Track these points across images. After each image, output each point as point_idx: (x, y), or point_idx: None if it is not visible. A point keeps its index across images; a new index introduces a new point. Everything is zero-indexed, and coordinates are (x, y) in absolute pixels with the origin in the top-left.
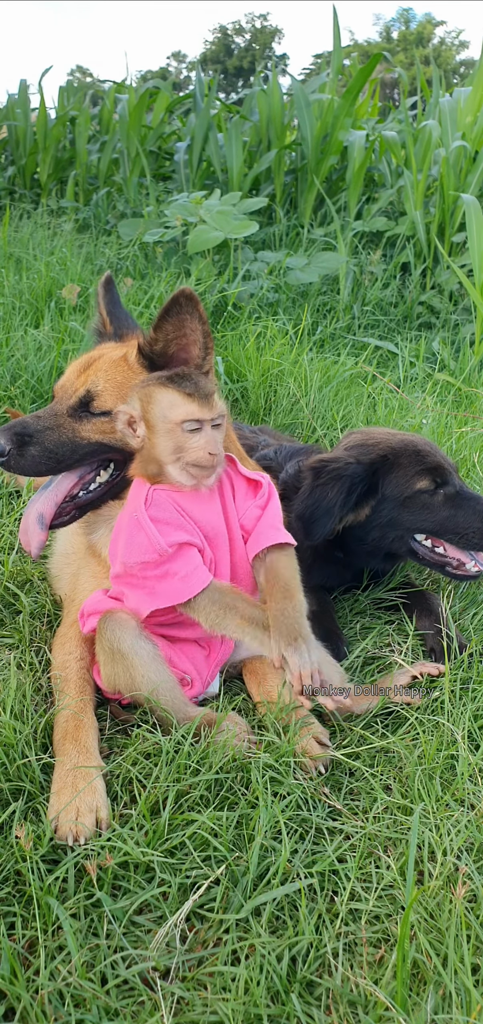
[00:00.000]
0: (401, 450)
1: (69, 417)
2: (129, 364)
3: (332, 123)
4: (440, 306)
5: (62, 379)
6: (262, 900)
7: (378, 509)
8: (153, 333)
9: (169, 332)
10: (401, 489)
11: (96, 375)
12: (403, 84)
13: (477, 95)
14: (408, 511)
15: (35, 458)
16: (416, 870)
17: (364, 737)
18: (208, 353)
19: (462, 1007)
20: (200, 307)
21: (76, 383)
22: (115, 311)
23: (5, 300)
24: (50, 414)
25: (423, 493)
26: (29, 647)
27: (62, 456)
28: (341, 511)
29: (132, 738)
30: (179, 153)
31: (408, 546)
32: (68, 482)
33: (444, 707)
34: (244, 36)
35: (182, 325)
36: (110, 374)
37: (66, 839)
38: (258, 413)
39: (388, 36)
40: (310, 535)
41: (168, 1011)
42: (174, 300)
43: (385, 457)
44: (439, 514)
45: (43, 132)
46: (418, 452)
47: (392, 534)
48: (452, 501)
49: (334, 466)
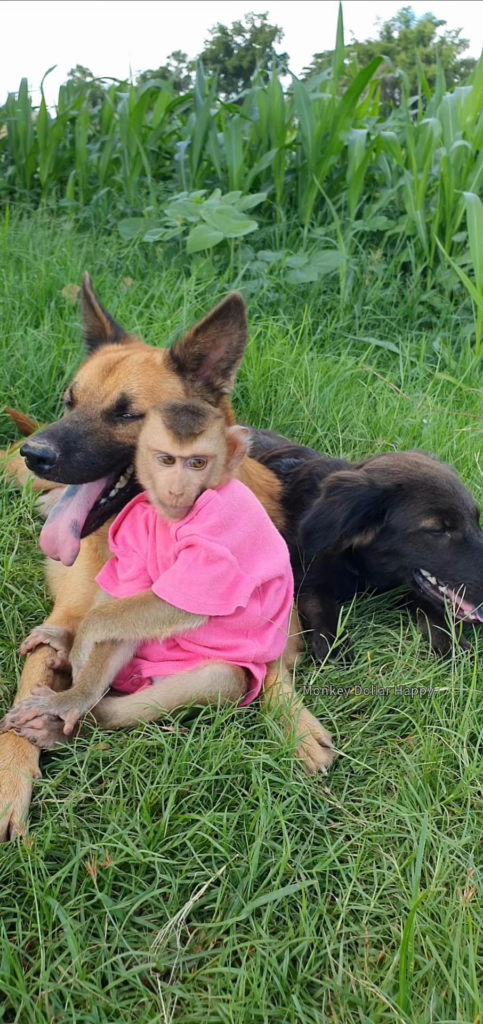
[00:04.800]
0: (418, 483)
1: (104, 421)
2: (156, 367)
3: (333, 122)
4: (441, 306)
5: (83, 382)
6: (263, 901)
7: (383, 537)
8: (194, 335)
9: (210, 336)
10: (407, 523)
11: (128, 378)
12: (404, 84)
13: (477, 94)
14: (412, 546)
15: (80, 464)
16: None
17: (365, 737)
18: (238, 357)
19: (466, 1009)
20: (244, 313)
21: (104, 387)
22: (106, 313)
23: (5, 300)
24: (84, 419)
25: (427, 532)
26: (15, 647)
27: (102, 462)
28: (341, 530)
29: (131, 737)
30: (179, 152)
31: (411, 577)
32: (97, 488)
33: (447, 708)
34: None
35: (223, 329)
36: (141, 377)
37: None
38: (258, 413)
39: (389, 36)
40: (309, 547)
41: (168, 1012)
42: (226, 305)
43: (399, 487)
44: (441, 557)
45: (43, 131)
46: (434, 489)
47: (395, 564)
48: (457, 547)
49: (347, 485)
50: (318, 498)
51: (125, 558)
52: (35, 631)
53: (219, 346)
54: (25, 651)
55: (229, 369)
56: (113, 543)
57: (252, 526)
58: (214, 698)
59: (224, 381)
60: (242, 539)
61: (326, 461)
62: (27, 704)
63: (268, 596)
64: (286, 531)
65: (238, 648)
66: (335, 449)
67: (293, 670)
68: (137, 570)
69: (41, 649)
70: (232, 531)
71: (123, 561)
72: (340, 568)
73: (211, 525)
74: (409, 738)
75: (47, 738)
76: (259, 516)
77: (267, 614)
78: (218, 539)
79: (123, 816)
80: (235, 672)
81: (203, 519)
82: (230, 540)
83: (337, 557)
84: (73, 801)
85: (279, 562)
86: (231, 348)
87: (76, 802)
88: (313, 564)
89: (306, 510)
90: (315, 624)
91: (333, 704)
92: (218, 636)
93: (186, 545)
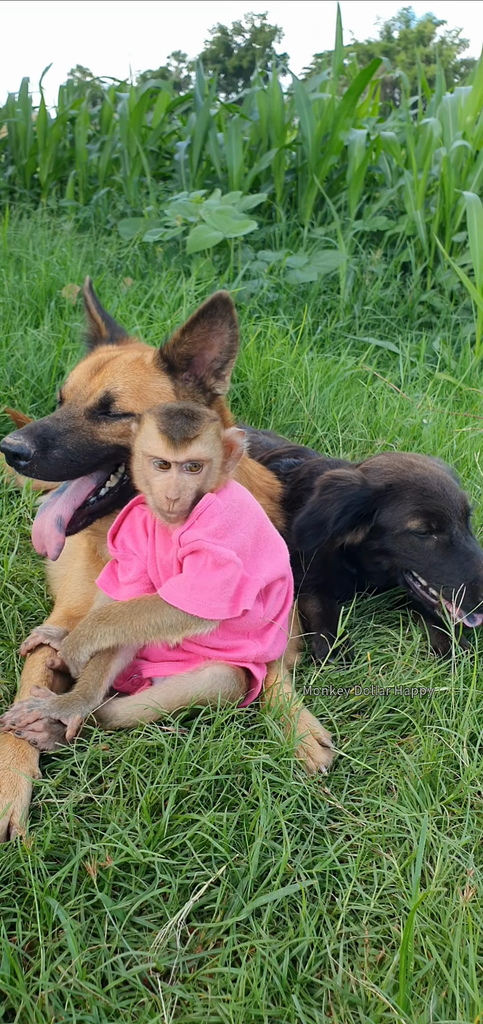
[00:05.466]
0: (408, 484)
1: (87, 419)
2: (146, 366)
3: (333, 123)
4: (441, 305)
5: (71, 381)
6: (263, 901)
7: (373, 536)
8: (180, 335)
9: (197, 335)
10: (394, 524)
11: (113, 377)
12: (404, 84)
13: (477, 94)
14: (399, 546)
15: (58, 461)
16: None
17: (365, 737)
18: (231, 357)
19: (465, 1009)
20: (233, 312)
21: (90, 385)
22: (104, 315)
23: (5, 300)
24: (67, 416)
25: (413, 534)
26: (15, 647)
27: (83, 460)
28: (333, 528)
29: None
30: (179, 152)
31: (403, 578)
32: (86, 487)
33: (447, 708)
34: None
35: (211, 328)
36: (128, 376)
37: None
38: (258, 413)
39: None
40: (301, 544)
41: (168, 1012)
42: (211, 303)
43: (390, 487)
44: (427, 559)
45: (43, 131)
46: (423, 491)
47: (387, 563)
48: (443, 550)
49: (339, 484)
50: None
51: (125, 561)
52: (35, 632)
53: (212, 346)
54: (25, 652)
55: (222, 370)
56: (112, 546)
57: (253, 527)
58: (214, 699)
59: (217, 382)
60: (245, 541)
61: (326, 461)
62: (28, 707)
63: (271, 597)
64: (286, 532)
65: (239, 649)
66: (335, 449)
67: (293, 670)
68: (138, 572)
69: (41, 649)
70: (235, 533)
71: (123, 564)
72: (339, 567)
73: (214, 529)
74: (409, 738)
75: (48, 741)
76: (259, 517)
77: (269, 615)
78: (223, 542)
79: (123, 816)
80: (235, 673)
81: (205, 523)
82: (234, 542)
83: (335, 556)
84: (73, 801)
85: (281, 563)
86: (224, 348)
87: (76, 802)
88: (313, 564)
89: (302, 508)
90: (315, 624)
91: (333, 704)
92: (219, 638)
93: (191, 551)
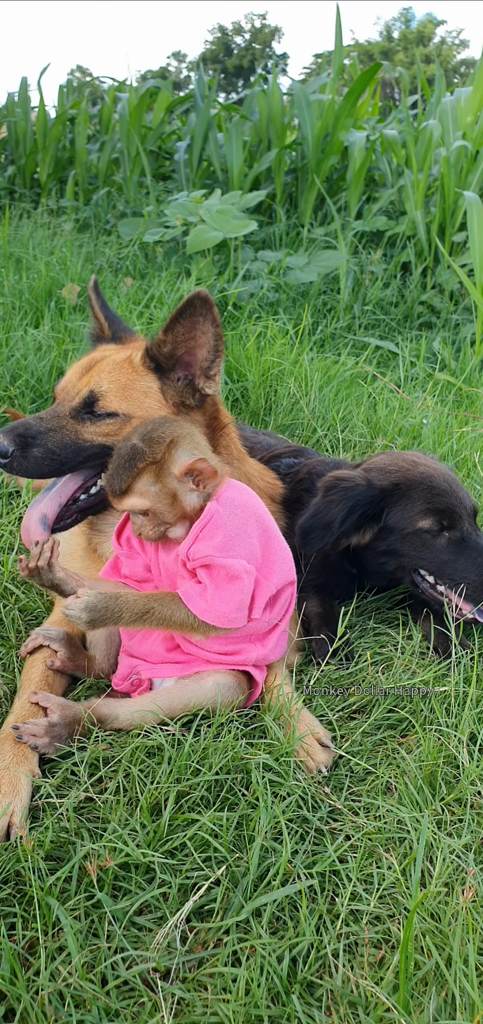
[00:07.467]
0: (416, 483)
1: (71, 418)
2: (133, 366)
3: (333, 123)
4: (441, 306)
5: (63, 381)
6: (263, 901)
7: (380, 536)
8: (162, 335)
9: (179, 335)
10: (404, 523)
11: (99, 376)
12: (404, 84)
13: (478, 95)
14: (409, 546)
15: (38, 459)
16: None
17: (365, 737)
18: (217, 357)
19: (465, 1009)
20: (214, 311)
21: (78, 384)
22: (108, 314)
23: (5, 300)
24: (52, 415)
25: (425, 532)
26: (15, 647)
27: (65, 458)
28: (339, 529)
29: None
30: (179, 153)
31: (410, 577)
32: (73, 484)
33: (447, 708)
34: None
35: (194, 328)
36: (114, 375)
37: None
38: (258, 413)
39: (389, 36)
40: (306, 546)
41: (168, 1012)
42: (189, 302)
43: (397, 486)
44: (439, 557)
45: (43, 131)
46: (431, 489)
47: (393, 563)
48: (456, 547)
49: (344, 485)
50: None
51: (130, 559)
52: (34, 633)
53: (201, 345)
54: (25, 653)
55: (210, 369)
56: (117, 544)
57: (260, 530)
58: (217, 707)
59: (207, 382)
60: (253, 545)
61: (326, 461)
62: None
63: (278, 602)
64: (286, 532)
65: (240, 652)
66: (335, 449)
67: (293, 670)
68: (143, 570)
69: (41, 650)
70: (242, 540)
71: (127, 562)
72: (339, 568)
73: (220, 542)
74: (409, 738)
75: (48, 745)
76: (263, 518)
77: (273, 619)
78: (231, 553)
79: (123, 816)
80: (238, 682)
81: (210, 536)
82: (243, 550)
83: (336, 556)
84: (73, 801)
85: (289, 567)
86: (210, 348)
87: (76, 802)
88: (313, 564)
89: (305, 510)
90: (315, 624)
91: (333, 704)
92: (221, 642)
93: (202, 565)
